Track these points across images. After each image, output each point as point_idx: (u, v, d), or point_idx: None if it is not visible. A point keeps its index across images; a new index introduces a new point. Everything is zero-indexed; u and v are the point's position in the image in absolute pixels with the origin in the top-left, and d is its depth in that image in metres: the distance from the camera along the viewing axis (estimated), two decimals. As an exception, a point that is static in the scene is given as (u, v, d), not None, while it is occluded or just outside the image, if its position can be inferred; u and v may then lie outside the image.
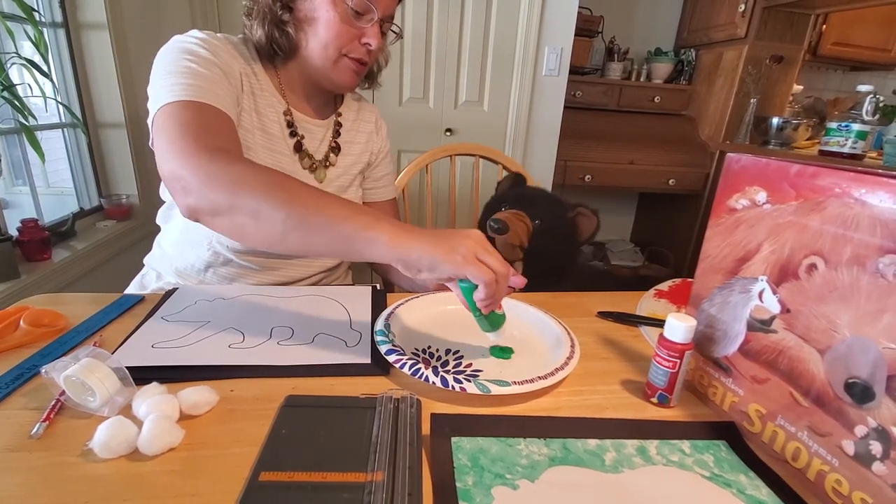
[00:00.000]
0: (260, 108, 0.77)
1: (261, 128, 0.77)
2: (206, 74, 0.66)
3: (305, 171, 0.83)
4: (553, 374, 0.53)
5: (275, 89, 0.79)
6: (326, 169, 0.85)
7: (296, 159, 0.81)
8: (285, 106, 0.80)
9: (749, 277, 0.48)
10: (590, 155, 2.33)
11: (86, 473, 0.39)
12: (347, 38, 0.73)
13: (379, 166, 0.96)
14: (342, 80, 0.77)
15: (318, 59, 0.75)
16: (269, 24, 0.73)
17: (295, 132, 0.81)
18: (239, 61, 0.74)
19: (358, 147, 0.91)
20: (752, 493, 0.41)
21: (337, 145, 0.87)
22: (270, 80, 0.79)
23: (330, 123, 0.87)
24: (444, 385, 0.51)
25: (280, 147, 0.79)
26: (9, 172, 1.47)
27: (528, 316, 0.70)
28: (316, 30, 0.73)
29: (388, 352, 0.56)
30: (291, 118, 0.80)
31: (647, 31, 2.61)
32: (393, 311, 0.66)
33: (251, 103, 0.76)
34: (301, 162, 0.82)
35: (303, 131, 0.82)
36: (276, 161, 0.78)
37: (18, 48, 1.30)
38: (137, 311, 0.66)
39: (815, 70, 2.74)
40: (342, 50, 0.74)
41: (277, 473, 0.39)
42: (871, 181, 0.38)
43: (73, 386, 0.44)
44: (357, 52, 0.75)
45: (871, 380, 0.37)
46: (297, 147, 0.81)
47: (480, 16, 1.95)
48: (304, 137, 0.82)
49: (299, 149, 0.81)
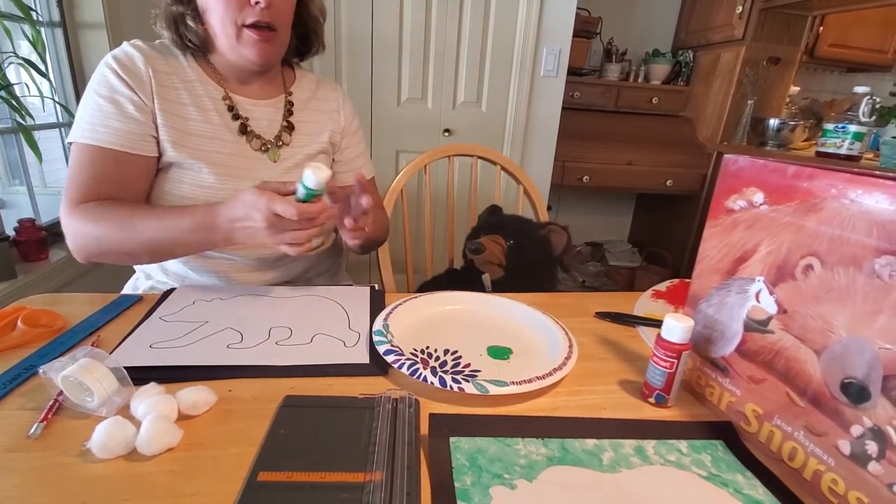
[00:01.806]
0: (192, 100, 0.77)
1: (196, 119, 0.77)
2: (106, 110, 0.71)
3: (258, 153, 0.81)
4: (551, 374, 0.54)
5: (210, 79, 0.79)
6: (280, 149, 0.84)
7: (243, 141, 0.80)
8: (223, 91, 0.80)
9: (746, 278, 0.48)
10: (588, 156, 2.33)
11: (84, 474, 0.38)
12: (236, 6, 0.71)
13: (349, 147, 0.95)
14: (252, 55, 0.75)
15: (223, 40, 0.74)
16: (173, 23, 0.75)
17: (237, 115, 0.80)
18: (163, 63, 0.76)
19: (316, 126, 0.89)
20: (749, 493, 0.41)
21: (290, 124, 0.85)
22: (204, 71, 0.79)
23: (279, 102, 0.86)
24: (442, 385, 0.51)
25: (223, 133, 0.79)
26: (6, 172, 1.46)
27: (526, 316, 0.70)
28: (210, 12, 0.73)
29: (387, 352, 0.56)
30: (231, 102, 0.80)
31: (645, 32, 2.61)
32: (391, 312, 0.66)
33: (183, 98, 0.76)
34: (250, 144, 0.81)
35: (246, 113, 0.81)
36: (219, 147, 0.78)
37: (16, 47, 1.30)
38: (135, 312, 0.66)
39: (812, 71, 2.75)
40: (237, 20, 0.72)
41: (276, 473, 0.39)
42: (867, 182, 0.38)
43: (70, 386, 0.44)
44: (252, 17, 0.71)
45: (867, 380, 0.38)
46: (242, 129, 0.80)
47: (479, 16, 1.96)
48: (248, 119, 0.81)
49: (244, 131, 0.80)
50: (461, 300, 0.74)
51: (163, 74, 0.75)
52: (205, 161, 0.76)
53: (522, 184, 1.22)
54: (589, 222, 2.92)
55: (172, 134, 0.74)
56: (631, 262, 2.67)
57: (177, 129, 0.75)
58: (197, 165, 0.76)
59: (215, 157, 0.77)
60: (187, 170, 0.76)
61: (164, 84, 0.75)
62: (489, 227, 0.96)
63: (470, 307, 0.73)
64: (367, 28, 1.91)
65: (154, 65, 0.74)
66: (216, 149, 0.78)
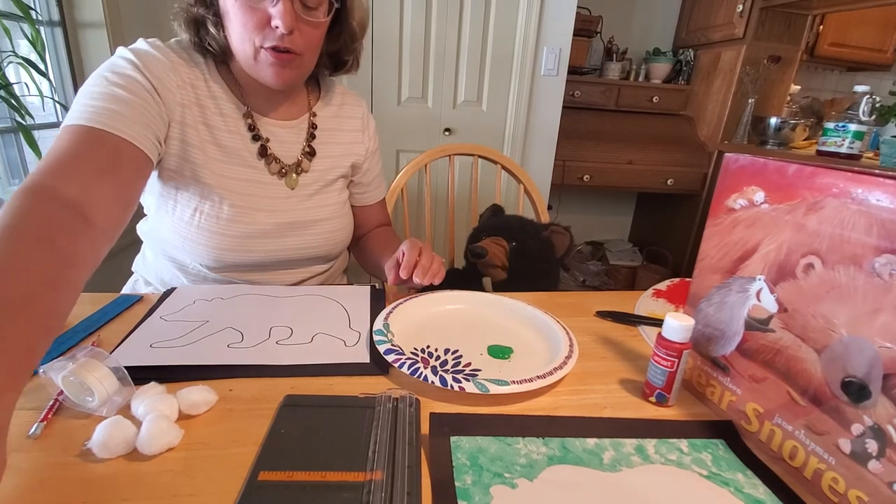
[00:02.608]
0: (210, 119, 0.72)
1: (212, 140, 0.72)
2: (123, 98, 0.61)
3: (274, 177, 0.77)
4: (552, 373, 0.54)
5: (232, 94, 0.74)
6: (298, 176, 0.79)
7: (262, 165, 0.76)
8: (245, 109, 0.75)
9: (747, 277, 0.48)
10: (588, 155, 2.33)
11: (84, 473, 0.38)
12: (256, 26, 0.64)
13: (370, 169, 0.92)
14: (267, 78, 0.68)
15: (241, 56, 0.68)
16: (191, 25, 0.69)
17: (258, 136, 0.75)
18: (183, 72, 0.70)
19: (339, 149, 0.84)
20: (750, 492, 0.41)
21: (311, 150, 0.81)
22: (227, 83, 0.74)
23: (303, 124, 0.81)
24: (443, 384, 0.51)
25: (240, 157, 0.74)
26: (5, 172, 1.46)
27: (526, 315, 0.70)
28: (231, 25, 0.66)
29: (387, 351, 0.56)
30: (253, 121, 0.75)
31: (645, 31, 2.61)
32: (392, 311, 0.66)
33: (198, 115, 0.71)
34: (268, 167, 0.77)
35: (267, 134, 0.77)
36: (235, 173, 0.74)
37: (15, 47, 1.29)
38: (135, 312, 0.66)
39: (812, 70, 2.75)
40: (255, 42, 0.65)
41: (276, 473, 0.39)
42: (867, 181, 0.38)
43: (71, 386, 0.44)
44: (271, 40, 0.65)
45: (868, 379, 0.38)
46: (262, 152, 0.76)
47: (479, 15, 1.95)
48: (269, 141, 0.77)
49: (264, 153, 0.76)
50: (461, 299, 0.74)
51: (188, 87, 0.70)
52: (222, 188, 0.72)
53: (523, 183, 1.22)
54: (589, 221, 2.92)
55: (193, 154, 0.70)
56: (631, 262, 2.67)
57: (189, 143, 0.70)
58: (216, 195, 0.72)
59: (233, 185, 0.73)
60: (205, 199, 0.72)
61: (186, 100, 0.70)
62: (491, 228, 0.96)
63: (470, 306, 0.73)
64: (368, 27, 1.90)
65: (182, 75, 0.69)
66: (235, 174, 0.74)
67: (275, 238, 0.78)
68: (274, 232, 0.77)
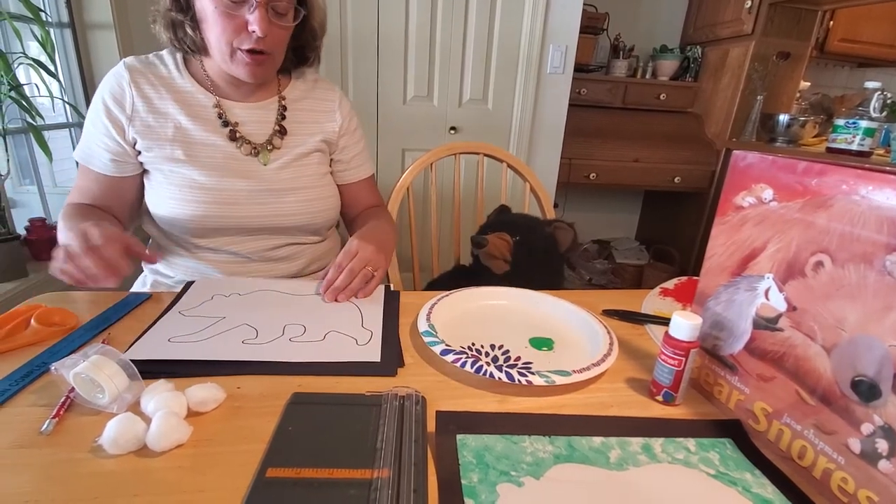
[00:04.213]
0: (189, 109, 0.80)
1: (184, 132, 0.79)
2: (91, 133, 0.78)
3: (249, 157, 0.83)
4: (604, 360, 0.56)
5: (200, 86, 0.81)
6: (270, 152, 0.85)
7: (233, 148, 0.82)
8: (214, 99, 0.82)
9: (755, 275, 0.48)
10: (595, 153, 2.32)
11: (95, 469, 0.39)
12: (233, 30, 0.72)
13: (347, 147, 0.95)
14: (243, 75, 0.77)
15: (217, 55, 0.76)
16: (170, 27, 0.77)
17: (227, 122, 0.82)
18: (148, 79, 0.79)
19: (311, 127, 0.89)
20: (758, 492, 0.41)
21: (282, 128, 0.86)
22: (196, 77, 0.82)
23: (272, 104, 0.86)
24: (510, 380, 0.51)
25: (214, 139, 0.81)
26: (17, 172, 1.48)
27: (558, 309, 0.71)
28: (208, 27, 0.74)
29: (444, 352, 0.56)
30: (221, 109, 0.82)
31: (652, 27, 2.59)
32: (430, 312, 0.66)
33: (173, 108, 0.79)
34: (240, 149, 0.82)
35: (236, 118, 0.83)
36: (213, 152, 0.81)
37: (25, 48, 1.31)
38: (144, 309, 0.67)
39: (822, 67, 2.71)
40: (232, 43, 0.73)
41: (284, 470, 0.39)
42: (878, 178, 0.38)
43: (82, 383, 0.45)
44: (247, 43, 0.73)
45: (878, 378, 0.37)
46: (232, 136, 0.82)
47: (485, 13, 1.95)
48: (237, 124, 0.83)
49: (234, 137, 0.82)
50: (499, 295, 0.75)
51: (149, 87, 0.78)
52: (196, 165, 0.79)
53: (529, 181, 1.21)
54: (596, 220, 2.91)
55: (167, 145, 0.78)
56: (638, 260, 2.65)
57: (162, 137, 0.78)
58: (188, 167, 0.78)
59: (207, 161, 0.80)
60: (182, 168, 0.78)
61: (149, 97, 0.78)
62: (496, 224, 0.97)
63: (501, 301, 0.74)
64: (373, 26, 1.91)
65: (138, 80, 0.78)
66: (208, 154, 0.80)
67: (251, 204, 0.82)
68: (249, 198, 0.82)
